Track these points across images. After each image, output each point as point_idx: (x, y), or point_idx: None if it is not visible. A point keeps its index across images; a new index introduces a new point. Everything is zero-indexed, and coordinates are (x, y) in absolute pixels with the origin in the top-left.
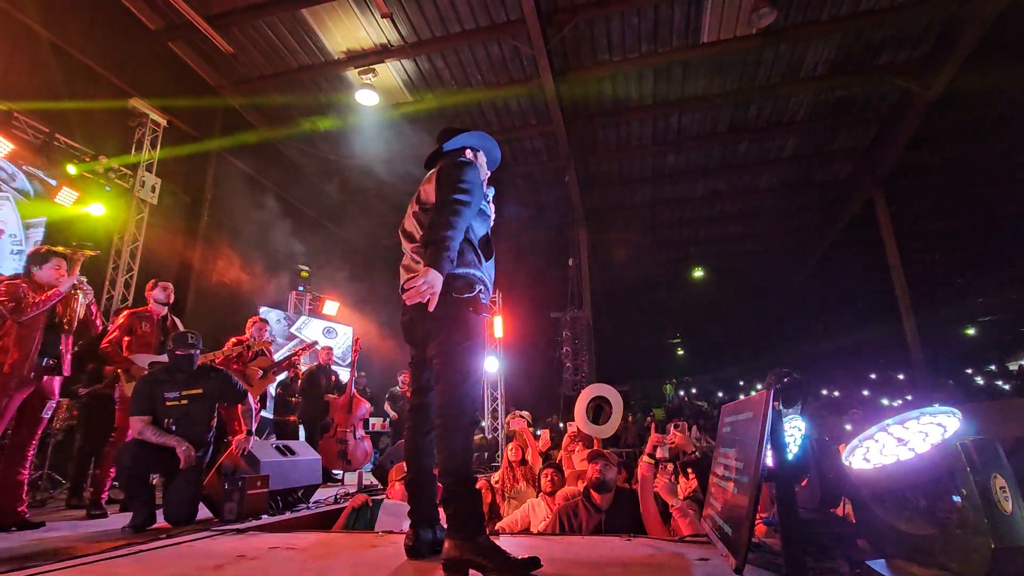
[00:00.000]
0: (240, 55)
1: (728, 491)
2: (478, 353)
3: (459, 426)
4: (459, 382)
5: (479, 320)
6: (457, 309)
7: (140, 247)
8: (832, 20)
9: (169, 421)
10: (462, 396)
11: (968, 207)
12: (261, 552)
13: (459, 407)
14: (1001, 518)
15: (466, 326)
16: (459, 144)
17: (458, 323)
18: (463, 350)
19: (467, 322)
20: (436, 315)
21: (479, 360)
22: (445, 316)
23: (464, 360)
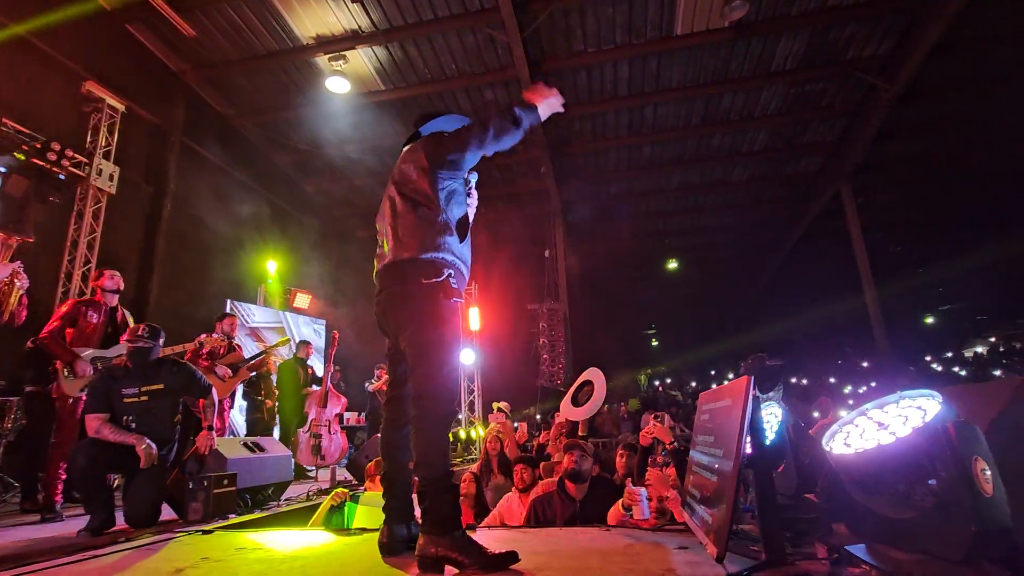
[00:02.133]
0: (203, 39)
1: (707, 479)
2: (452, 341)
3: (434, 418)
4: (433, 372)
5: (451, 305)
6: (426, 296)
7: (98, 238)
8: (801, 15)
9: (128, 419)
10: (436, 387)
11: (929, 200)
12: (227, 553)
13: (434, 398)
14: (982, 501)
15: (436, 313)
16: (436, 128)
17: (428, 311)
18: (435, 339)
19: (437, 309)
20: (406, 304)
21: (453, 348)
22: (414, 304)
23: (437, 349)
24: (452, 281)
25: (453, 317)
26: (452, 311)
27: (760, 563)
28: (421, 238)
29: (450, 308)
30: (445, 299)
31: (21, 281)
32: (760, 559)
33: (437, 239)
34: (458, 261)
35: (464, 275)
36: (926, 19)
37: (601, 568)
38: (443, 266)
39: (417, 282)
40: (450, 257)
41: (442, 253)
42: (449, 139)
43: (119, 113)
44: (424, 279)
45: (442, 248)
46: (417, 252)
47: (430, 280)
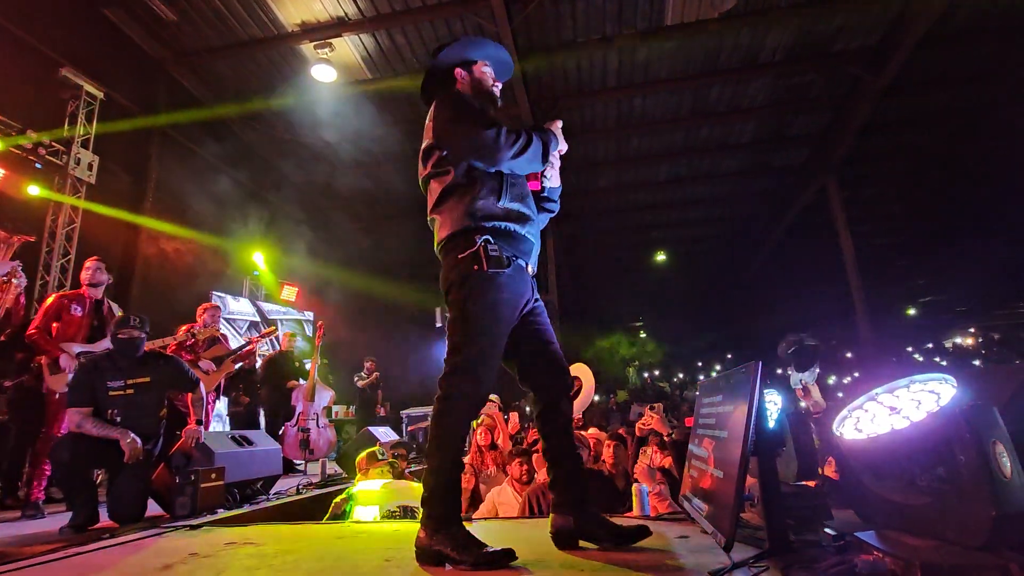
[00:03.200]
0: (184, 24)
1: (711, 467)
2: (486, 318)
3: (451, 404)
4: (458, 353)
5: (490, 277)
6: (460, 272)
7: (77, 229)
8: (790, 6)
9: (113, 412)
10: (462, 370)
11: (912, 193)
12: (216, 548)
13: (456, 383)
14: (1001, 484)
15: (469, 289)
16: (448, 63)
17: (462, 287)
18: (465, 316)
19: (471, 284)
20: (445, 284)
21: (488, 327)
22: (450, 284)
23: (465, 327)
24: (491, 248)
25: (493, 290)
26: (491, 283)
27: (765, 551)
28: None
29: (489, 280)
30: (483, 270)
31: (19, 279)
32: (763, 547)
33: (465, 205)
34: (499, 222)
35: (512, 231)
36: (913, 12)
37: (604, 557)
38: (475, 232)
39: (453, 258)
40: (486, 223)
41: (472, 221)
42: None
43: (98, 100)
44: (458, 254)
45: (475, 215)
46: (449, 229)
47: (464, 253)
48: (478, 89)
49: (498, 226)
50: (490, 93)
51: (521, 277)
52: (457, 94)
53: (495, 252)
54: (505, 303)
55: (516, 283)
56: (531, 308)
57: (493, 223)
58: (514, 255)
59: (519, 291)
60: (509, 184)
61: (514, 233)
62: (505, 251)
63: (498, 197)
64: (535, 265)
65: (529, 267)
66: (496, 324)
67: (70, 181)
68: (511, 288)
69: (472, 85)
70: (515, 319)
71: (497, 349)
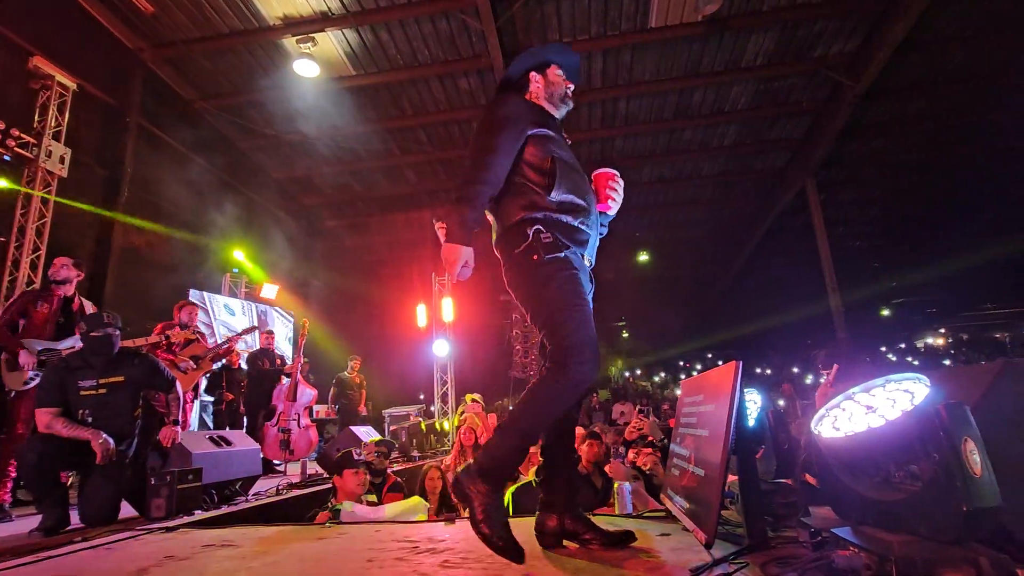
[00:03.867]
0: (161, 15)
1: (693, 465)
2: (565, 295)
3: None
4: (553, 339)
5: (549, 261)
6: (518, 268)
7: (48, 224)
8: (772, 11)
9: (84, 412)
10: (565, 353)
11: (887, 197)
12: (193, 551)
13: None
14: (972, 481)
15: (533, 279)
16: (522, 69)
17: (524, 281)
18: (544, 305)
19: (533, 275)
20: (508, 282)
21: (570, 301)
22: (514, 283)
23: (549, 315)
24: (544, 236)
25: (556, 271)
26: (551, 268)
27: (744, 547)
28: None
29: (549, 266)
30: (541, 256)
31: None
32: (742, 543)
33: (517, 198)
34: (551, 212)
35: (564, 222)
36: (891, 18)
37: (587, 555)
38: (528, 225)
39: (511, 254)
40: (538, 214)
41: (527, 212)
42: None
43: (70, 92)
44: (515, 249)
45: (531, 207)
46: (503, 226)
47: (518, 248)
48: (552, 92)
49: (550, 216)
50: (564, 95)
51: (579, 263)
52: (496, 102)
53: (548, 239)
54: (576, 279)
55: (577, 260)
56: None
57: (544, 214)
58: (568, 244)
59: (582, 268)
60: (562, 175)
61: (568, 224)
62: (560, 240)
63: (549, 190)
64: (593, 259)
65: (586, 259)
66: (576, 296)
67: (40, 174)
68: (574, 262)
69: (546, 88)
70: (591, 290)
71: (588, 320)
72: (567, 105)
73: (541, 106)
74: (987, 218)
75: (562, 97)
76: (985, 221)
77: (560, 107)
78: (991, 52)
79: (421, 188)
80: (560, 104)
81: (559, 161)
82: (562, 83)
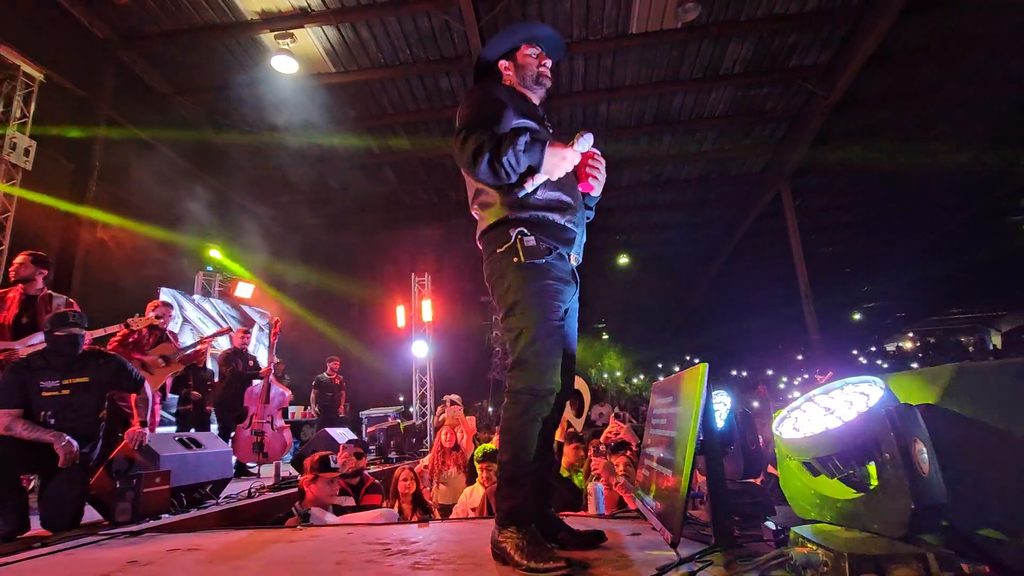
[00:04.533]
0: (134, 6)
1: (661, 466)
2: (537, 306)
3: (514, 398)
4: (515, 346)
5: (529, 266)
6: (499, 267)
7: (11, 218)
8: (749, 21)
9: (46, 414)
10: (521, 363)
11: (859, 204)
12: (158, 556)
13: (518, 376)
14: (920, 480)
15: (511, 282)
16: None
17: (502, 281)
18: (514, 310)
19: (511, 278)
20: (488, 280)
21: (541, 313)
22: (492, 280)
23: (517, 320)
24: (527, 238)
25: (537, 279)
26: (534, 273)
27: (710, 547)
28: (486, 204)
29: (532, 271)
30: (525, 261)
31: None
32: (710, 543)
33: (501, 196)
34: (538, 211)
35: (551, 220)
36: (862, 32)
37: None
38: (512, 225)
39: (492, 254)
40: (522, 214)
41: (510, 212)
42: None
43: (36, 82)
44: (497, 248)
45: (513, 206)
46: (487, 222)
47: (500, 248)
48: (524, 75)
49: (535, 216)
50: (537, 75)
51: (563, 266)
52: (478, 89)
53: (531, 243)
54: (553, 288)
55: (558, 269)
56: (567, 308)
57: (530, 213)
58: (554, 245)
59: (563, 277)
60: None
61: (553, 223)
62: (543, 242)
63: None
64: (580, 255)
65: (572, 257)
66: (549, 310)
67: (4, 167)
68: (554, 273)
69: (517, 72)
70: (567, 303)
71: (555, 336)
72: (543, 85)
73: (522, 93)
74: (952, 228)
75: (536, 78)
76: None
77: (535, 89)
78: (954, 68)
79: (401, 187)
80: (535, 86)
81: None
82: (534, 63)
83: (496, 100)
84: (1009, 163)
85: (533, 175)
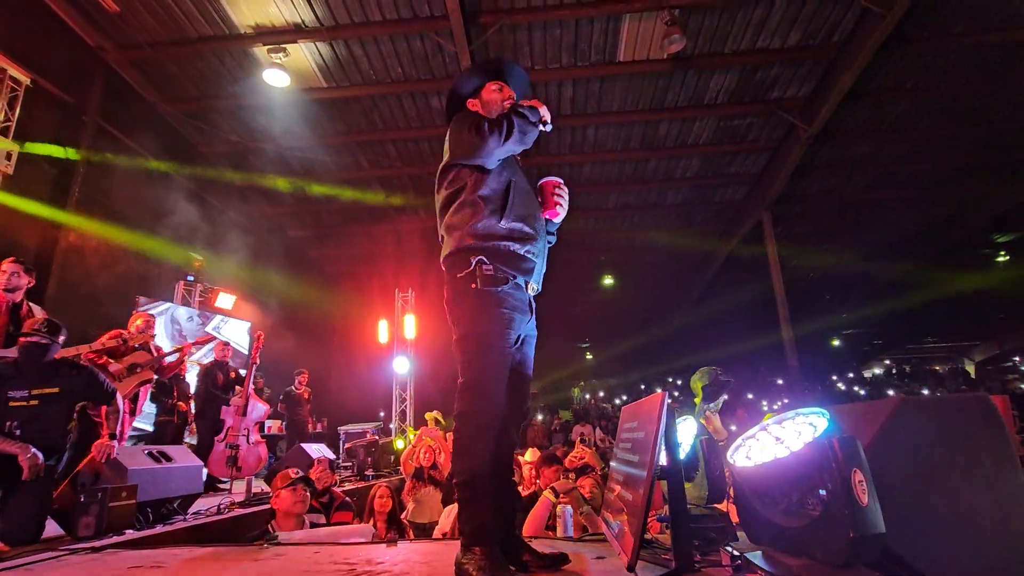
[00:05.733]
0: (127, 15)
1: (624, 490)
2: (490, 332)
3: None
4: (466, 370)
5: (486, 293)
6: (457, 291)
7: None
8: (733, 54)
9: (12, 424)
10: (470, 386)
11: (837, 232)
12: (118, 572)
13: (467, 399)
14: (859, 509)
15: (467, 306)
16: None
17: (459, 305)
18: (468, 333)
19: (469, 302)
20: (447, 303)
21: (493, 341)
22: (451, 303)
23: (469, 344)
24: (485, 267)
25: (491, 309)
26: (489, 302)
27: (670, 571)
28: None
29: (487, 300)
30: (482, 288)
31: None
32: (670, 567)
33: (467, 226)
34: (500, 242)
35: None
36: (840, 67)
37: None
38: (472, 253)
39: (453, 279)
40: (485, 243)
41: (474, 242)
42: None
43: (23, 86)
44: (458, 273)
45: (477, 235)
46: (451, 247)
47: (460, 273)
48: (491, 111)
49: (497, 246)
50: (501, 109)
51: (519, 295)
52: (465, 112)
53: (490, 272)
54: (506, 317)
55: (514, 299)
56: (523, 336)
57: (492, 243)
58: (512, 274)
59: (518, 307)
60: (514, 203)
61: (513, 253)
62: (502, 271)
63: (500, 216)
64: (539, 284)
65: (531, 286)
66: (500, 337)
67: None
68: (510, 303)
69: (483, 109)
70: (520, 331)
71: (504, 362)
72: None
73: None
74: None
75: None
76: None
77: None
78: (927, 105)
79: (388, 203)
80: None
81: (514, 185)
82: (499, 98)
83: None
84: (982, 196)
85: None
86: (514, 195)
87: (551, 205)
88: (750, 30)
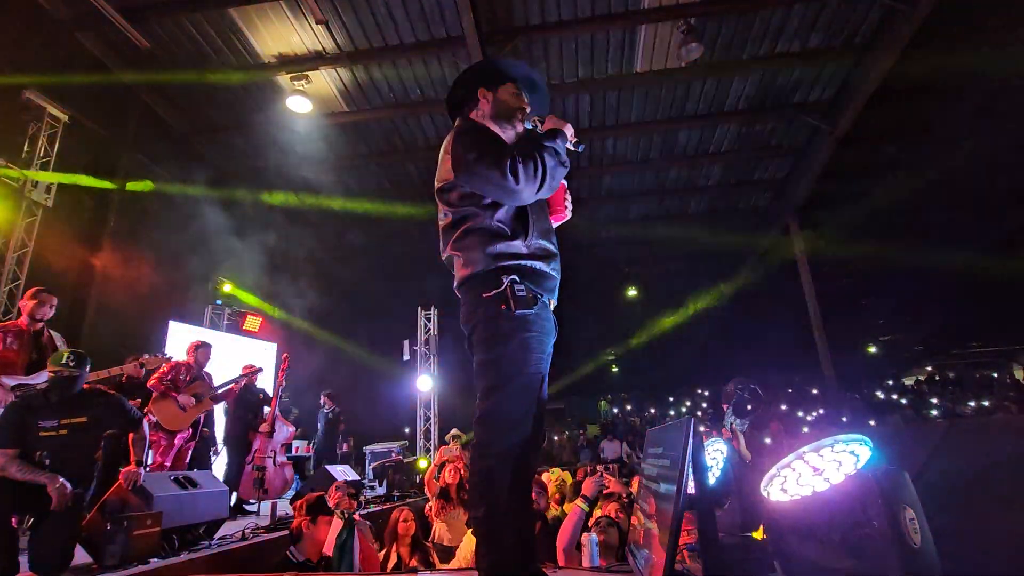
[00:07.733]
0: (158, 51)
1: (651, 520)
2: (518, 357)
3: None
4: (490, 396)
5: (518, 317)
6: (485, 312)
7: (29, 254)
8: (752, 59)
9: (42, 454)
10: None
11: (868, 236)
12: None
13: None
14: (910, 551)
15: (497, 328)
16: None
17: (488, 326)
18: (496, 358)
19: (499, 324)
20: (468, 323)
21: (522, 366)
22: (475, 323)
23: (497, 368)
24: (519, 287)
25: (523, 329)
26: (521, 323)
27: None
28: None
29: (519, 321)
30: (513, 310)
31: None
32: None
33: (486, 246)
34: (525, 261)
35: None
36: (864, 70)
37: None
38: (502, 272)
39: (478, 300)
40: (511, 263)
41: (499, 262)
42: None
43: (61, 123)
44: (484, 293)
45: (500, 257)
46: (473, 268)
47: (489, 293)
48: (498, 110)
49: (524, 265)
50: (511, 117)
51: (547, 315)
52: (472, 126)
53: (522, 292)
54: (537, 340)
55: (544, 320)
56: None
57: (519, 262)
58: (540, 293)
59: (548, 328)
60: (535, 220)
61: (540, 271)
62: (532, 291)
63: (525, 236)
64: (556, 298)
65: (552, 303)
66: (529, 363)
67: (25, 204)
68: (540, 325)
69: (493, 106)
70: (549, 356)
71: (533, 388)
72: (515, 128)
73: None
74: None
75: (509, 117)
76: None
77: (507, 129)
78: (953, 106)
79: (411, 222)
80: (507, 126)
81: (533, 204)
82: (514, 105)
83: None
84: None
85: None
86: (533, 213)
87: (562, 209)
88: (768, 35)
